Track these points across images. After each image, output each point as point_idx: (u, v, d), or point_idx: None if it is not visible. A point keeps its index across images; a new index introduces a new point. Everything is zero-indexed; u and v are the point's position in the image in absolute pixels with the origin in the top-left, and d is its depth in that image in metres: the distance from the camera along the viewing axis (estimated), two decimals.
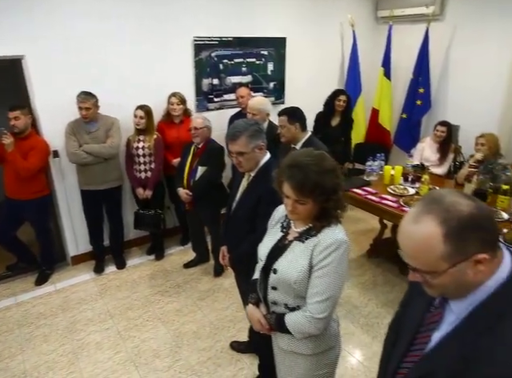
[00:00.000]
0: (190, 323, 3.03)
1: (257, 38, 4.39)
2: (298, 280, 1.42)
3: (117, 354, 2.76)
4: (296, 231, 1.51)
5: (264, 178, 2.03)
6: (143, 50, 3.72)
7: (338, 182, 1.41)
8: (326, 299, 1.40)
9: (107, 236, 3.83)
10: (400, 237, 0.92)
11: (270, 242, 1.59)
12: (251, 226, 2.06)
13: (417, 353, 1.02)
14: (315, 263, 1.41)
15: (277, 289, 1.51)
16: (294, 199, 1.39)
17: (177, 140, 3.67)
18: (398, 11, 4.80)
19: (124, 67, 3.66)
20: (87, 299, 3.37)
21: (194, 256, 3.81)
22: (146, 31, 3.69)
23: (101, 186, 3.51)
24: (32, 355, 2.78)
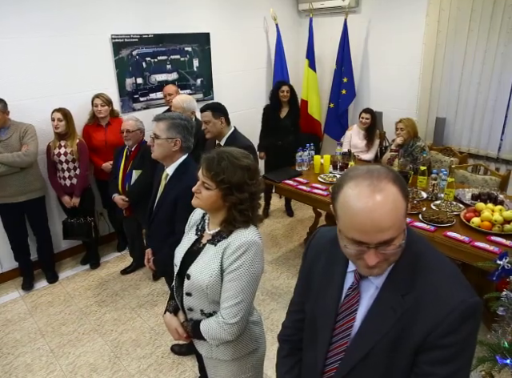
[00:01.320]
0: (129, 332, 2.94)
1: (179, 35, 4.31)
2: (209, 285, 1.39)
3: (50, 374, 2.61)
4: (209, 233, 1.48)
5: (181, 178, 2.02)
6: (59, 50, 3.52)
7: (247, 182, 1.37)
8: (237, 303, 1.36)
9: (35, 250, 3.60)
10: (365, 213, 0.83)
11: (184, 246, 1.55)
12: (171, 228, 2.03)
13: (342, 342, 1.01)
14: (226, 267, 1.37)
15: (191, 295, 1.47)
16: (202, 180, 1.39)
17: (104, 143, 3.52)
18: (318, 4, 4.93)
19: (39, 70, 3.44)
20: (14, 320, 3.14)
21: (131, 262, 3.70)
22: (60, 30, 3.48)
23: (19, 199, 3.27)
24: None
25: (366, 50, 4.83)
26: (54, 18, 3.43)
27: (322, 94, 5.23)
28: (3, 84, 3.25)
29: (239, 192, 1.37)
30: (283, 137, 4.31)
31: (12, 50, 3.28)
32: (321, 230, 1.21)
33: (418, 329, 0.89)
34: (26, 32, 3.32)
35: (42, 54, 3.44)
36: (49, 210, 3.64)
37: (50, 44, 3.46)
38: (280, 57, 5.04)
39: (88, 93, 3.66)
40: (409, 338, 0.90)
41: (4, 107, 3.14)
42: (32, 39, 3.36)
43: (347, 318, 1.00)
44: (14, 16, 3.23)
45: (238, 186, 1.36)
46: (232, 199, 1.37)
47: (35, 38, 3.38)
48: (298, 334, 1.20)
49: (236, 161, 1.37)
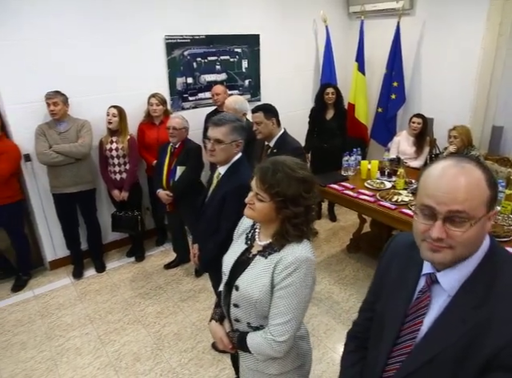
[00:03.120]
0: (172, 325, 3.02)
1: (230, 36, 4.37)
2: (259, 300, 1.35)
3: (97, 359, 2.73)
4: (260, 244, 1.43)
5: (231, 176, 2.04)
6: (117, 50, 3.67)
7: (303, 195, 1.32)
8: (287, 322, 1.31)
9: (85, 240, 3.78)
10: (444, 179, 0.86)
11: (233, 254, 1.51)
12: (217, 225, 2.06)
13: (406, 344, 1.00)
14: (276, 283, 1.32)
15: (239, 307, 1.43)
16: (255, 191, 1.34)
17: (156, 141, 3.63)
18: (369, 6, 4.84)
19: (97, 69, 3.60)
20: (66, 304, 3.32)
21: (175, 257, 3.79)
22: (117, 31, 3.63)
23: (73, 189, 3.43)
24: (9, 363, 2.73)
25: (419, 54, 4.68)
26: (112, 19, 3.58)
27: (369, 98, 5.13)
28: (65, 81, 3.43)
29: (294, 206, 1.31)
30: (329, 140, 4.27)
31: (73, 50, 3.45)
32: (400, 234, 1.23)
33: (490, 343, 0.86)
34: (87, 33, 3.48)
35: (100, 54, 3.60)
36: (99, 202, 3.80)
37: (108, 44, 3.62)
38: (328, 59, 5.00)
39: (141, 92, 3.79)
40: (478, 351, 0.87)
41: (66, 100, 3.33)
42: (91, 40, 3.52)
43: (415, 320, 1.00)
44: (75, 18, 3.40)
45: (293, 200, 1.31)
46: (286, 213, 1.32)
47: (95, 39, 3.54)
48: (366, 332, 1.20)
49: (291, 172, 1.31)
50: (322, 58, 5.09)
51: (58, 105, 3.25)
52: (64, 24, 3.36)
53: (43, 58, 3.33)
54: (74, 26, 3.41)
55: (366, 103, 5.10)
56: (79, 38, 3.46)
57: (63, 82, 3.39)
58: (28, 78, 3.30)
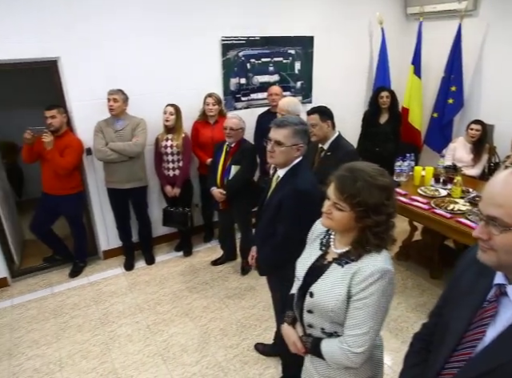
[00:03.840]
0: (217, 320, 3.08)
1: (284, 37, 4.39)
2: (334, 309, 1.32)
3: (146, 347, 2.85)
4: (336, 251, 1.40)
5: (290, 180, 2.02)
6: (173, 51, 3.81)
7: (384, 203, 1.27)
8: (365, 333, 1.29)
9: (136, 233, 3.94)
10: (492, 185, 0.92)
11: (308, 260, 1.49)
12: (274, 228, 2.06)
13: (466, 351, 0.99)
14: (354, 293, 1.29)
15: (312, 313, 1.41)
16: (333, 201, 1.30)
17: (211, 140, 3.71)
18: (429, 7, 4.69)
19: (155, 68, 3.75)
20: (118, 293, 3.48)
21: (222, 254, 3.87)
22: (175, 32, 3.77)
23: (125, 185, 3.58)
24: (67, 343, 2.91)
25: (481, 58, 4.47)
26: (171, 21, 3.72)
27: (425, 102, 4.96)
28: (125, 80, 3.59)
29: (376, 214, 1.27)
30: (381, 144, 4.19)
31: (133, 50, 3.62)
32: None
33: None
34: (148, 35, 3.64)
35: (159, 54, 3.74)
36: (151, 197, 3.95)
37: (167, 45, 3.76)
38: (383, 62, 4.89)
39: (196, 91, 3.90)
40: None
41: (125, 99, 3.49)
42: (151, 39, 3.67)
43: (478, 329, 0.98)
44: (136, 18, 3.56)
45: (375, 209, 1.26)
46: (367, 222, 1.28)
47: (155, 40, 3.69)
48: (432, 335, 1.19)
49: (372, 180, 1.26)
50: (376, 61, 4.99)
51: (117, 101, 3.41)
52: (127, 27, 3.54)
53: (107, 58, 3.52)
54: (135, 28, 3.58)
55: (421, 108, 4.94)
56: (140, 39, 3.63)
57: (124, 81, 3.56)
58: (93, 77, 3.50)
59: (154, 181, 3.88)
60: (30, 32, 3.19)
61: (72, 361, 2.75)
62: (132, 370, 2.65)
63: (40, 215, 3.65)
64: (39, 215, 3.65)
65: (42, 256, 3.98)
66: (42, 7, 3.18)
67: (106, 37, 3.48)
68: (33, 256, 4.06)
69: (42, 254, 3.99)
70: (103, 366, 2.70)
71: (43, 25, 3.22)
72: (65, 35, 3.31)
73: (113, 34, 3.50)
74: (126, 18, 3.52)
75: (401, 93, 4.94)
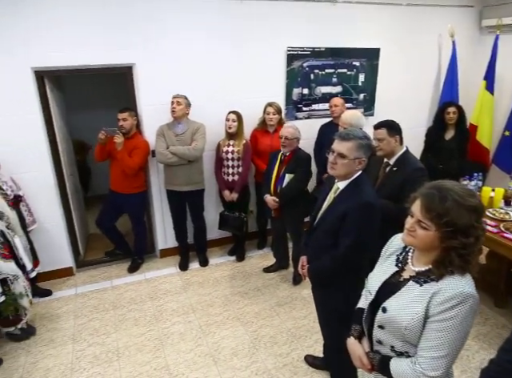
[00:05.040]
0: (268, 328, 3.09)
1: (349, 49, 4.37)
2: (409, 327, 1.28)
3: (198, 347, 2.91)
4: (413, 269, 1.36)
5: (353, 193, 2.01)
6: (238, 59, 3.91)
7: (474, 225, 1.22)
8: (442, 357, 1.24)
9: (192, 234, 4.05)
10: None
11: (382, 275, 1.46)
12: (333, 240, 2.04)
13: None
14: (433, 314, 1.25)
15: (384, 329, 1.38)
16: (418, 218, 1.26)
17: (269, 148, 3.75)
18: (508, 19, 4.45)
19: (218, 75, 3.87)
20: (172, 291, 3.60)
21: (274, 262, 3.88)
22: (242, 41, 3.87)
23: (184, 188, 3.69)
24: (124, 335, 3.05)
25: None
26: (238, 29, 3.82)
27: (496, 119, 4.70)
28: (189, 86, 3.74)
29: (464, 236, 1.22)
30: (446, 161, 4.02)
31: (199, 57, 3.76)
32: None
33: None
34: (214, 41, 3.77)
35: (223, 61, 3.86)
36: (209, 201, 4.05)
37: (232, 53, 3.87)
38: (452, 76, 4.71)
39: (258, 99, 3.97)
40: None
41: (188, 104, 3.62)
42: (218, 48, 3.80)
43: None
44: (204, 28, 3.70)
45: (463, 230, 1.22)
46: (453, 243, 1.23)
47: (221, 47, 3.81)
48: (506, 375, 1.14)
49: (462, 200, 1.22)
50: (443, 75, 4.81)
51: (180, 104, 3.54)
52: (194, 36, 3.69)
53: (174, 65, 3.69)
54: (202, 36, 3.72)
55: (491, 125, 4.68)
56: (206, 46, 3.76)
57: (188, 87, 3.71)
58: (161, 82, 3.68)
59: (213, 185, 3.98)
60: (113, 39, 3.43)
61: (128, 352, 2.87)
62: (183, 368, 2.73)
63: (106, 211, 3.88)
64: (105, 211, 3.88)
65: (103, 250, 4.22)
66: (124, 18, 3.41)
67: (175, 45, 3.65)
68: (96, 249, 4.31)
69: (104, 248, 4.23)
70: (157, 361, 2.79)
71: (124, 34, 3.45)
72: (141, 44, 3.53)
73: (181, 43, 3.66)
74: (194, 28, 3.67)
75: (469, 109, 4.71)
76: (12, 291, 2.88)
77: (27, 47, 3.21)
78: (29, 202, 3.43)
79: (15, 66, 3.23)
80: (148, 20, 3.50)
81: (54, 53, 3.30)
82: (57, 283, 3.74)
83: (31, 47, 3.23)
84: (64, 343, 3.00)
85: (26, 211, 3.38)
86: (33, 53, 3.24)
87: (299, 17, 4.03)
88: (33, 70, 3.34)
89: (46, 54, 3.28)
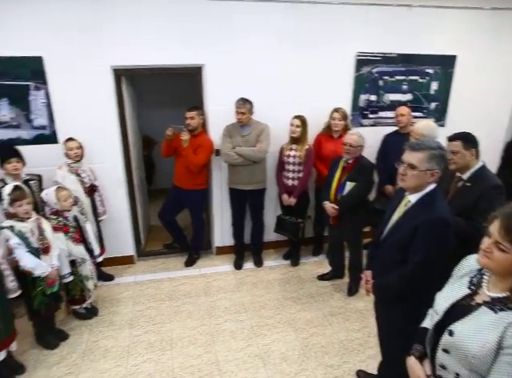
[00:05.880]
0: (319, 336, 3.04)
1: (423, 55, 4.19)
2: (478, 355, 1.20)
3: (248, 347, 2.93)
4: (489, 294, 1.28)
5: (425, 207, 1.90)
6: (306, 62, 3.89)
7: None
8: None
9: (249, 234, 4.10)
10: None
11: (451, 296, 1.39)
12: (402, 256, 1.95)
13: None
14: (508, 346, 1.16)
15: (449, 353, 1.31)
16: (496, 239, 1.20)
17: (333, 154, 3.69)
18: None
19: (284, 78, 3.88)
20: (226, 289, 3.66)
21: (330, 270, 3.81)
22: (311, 45, 3.85)
23: (246, 187, 3.76)
24: (178, 326, 3.15)
25: None
26: (306, 33, 3.80)
27: None
28: (254, 88, 3.78)
29: None
30: None
31: (265, 59, 3.79)
32: None
33: None
34: (279, 44, 3.78)
35: (289, 64, 3.86)
36: (268, 203, 4.06)
37: (299, 56, 3.85)
38: None
39: (324, 104, 3.92)
40: None
41: (251, 108, 3.66)
42: (285, 50, 3.81)
43: None
44: (271, 31, 3.73)
45: None
46: None
47: (288, 49, 3.81)
48: None
49: None
50: None
51: (244, 114, 3.61)
52: (260, 39, 3.73)
53: (241, 67, 3.76)
54: (269, 39, 3.75)
55: None
56: (274, 49, 3.78)
57: (253, 89, 3.76)
58: (228, 84, 3.77)
59: (273, 188, 3.99)
60: (186, 41, 3.57)
61: (181, 344, 2.96)
62: (233, 366, 2.75)
63: (168, 205, 4.03)
64: (167, 205, 4.04)
65: (162, 242, 4.40)
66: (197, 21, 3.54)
67: (244, 47, 3.71)
68: (155, 241, 4.50)
69: (163, 240, 4.41)
70: (207, 355, 2.85)
71: (196, 36, 3.58)
72: (212, 45, 3.64)
73: (250, 45, 3.72)
74: (264, 31, 3.71)
75: None
76: (79, 272, 3.09)
77: (109, 48, 3.45)
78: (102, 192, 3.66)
79: (97, 65, 3.47)
80: (219, 23, 3.60)
81: (132, 53, 3.51)
82: (119, 270, 3.96)
83: (112, 47, 3.45)
84: (122, 327, 3.16)
85: (100, 201, 3.61)
86: (113, 53, 3.47)
87: (371, 21, 3.93)
88: (112, 69, 3.56)
89: (125, 53, 3.49)
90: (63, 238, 2.97)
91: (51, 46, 3.35)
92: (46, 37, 3.32)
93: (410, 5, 3.95)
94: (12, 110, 3.48)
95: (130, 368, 2.73)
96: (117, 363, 2.78)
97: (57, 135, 3.57)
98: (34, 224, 2.73)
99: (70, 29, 3.33)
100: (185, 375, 2.66)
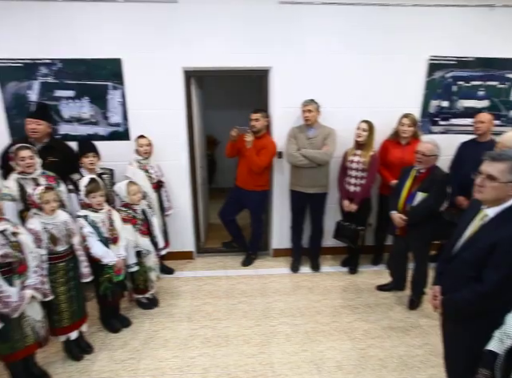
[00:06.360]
0: (377, 349, 2.93)
1: (505, 59, 3.91)
2: None
3: (303, 352, 2.90)
4: None
5: (506, 222, 1.77)
6: (375, 66, 3.80)
7: None
8: None
9: (307, 238, 4.07)
10: None
11: None
12: (476, 273, 1.83)
13: None
14: None
15: None
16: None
17: (400, 161, 3.57)
18: None
19: (351, 82, 3.82)
20: (281, 291, 3.65)
21: (390, 281, 3.66)
22: (379, 48, 3.76)
23: (308, 190, 3.73)
24: (233, 324, 3.20)
25: None
26: (375, 38, 3.72)
27: None
28: (321, 92, 3.75)
29: None
30: None
31: (332, 63, 3.76)
32: None
33: None
34: (347, 48, 3.73)
35: (356, 69, 3.79)
36: (329, 207, 3.99)
37: (367, 60, 3.77)
38: None
39: (392, 109, 3.80)
40: None
41: (318, 107, 3.63)
42: (350, 54, 3.75)
43: None
44: (340, 33, 3.69)
45: None
46: None
47: (354, 53, 3.75)
48: None
49: None
50: None
51: (311, 112, 3.59)
52: (329, 41, 3.70)
53: (308, 70, 3.76)
54: (337, 42, 3.71)
55: None
56: (341, 53, 3.74)
57: (319, 92, 3.73)
58: (294, 86, 3.78)
59: (334, 192, 3.93)
60: (255, 44, 3.64)
61: (236, 341, 3.00)
62: (287, 369, 2.74)
63: (229, 205, 4.11)
64: (228, 205, 4.12)
65: (221, 240, 4.50)
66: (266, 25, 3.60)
67: (311, 51, 3.71)
68: (214, 239, 4.62)
69: (221, 238, 4.51)
70: (262, 356, 2.86)
71: (264, 39, 3.64)
72: (279, 49, 3.68)
73: (317, 49, 3.71)
74: (332, 34, 3.68)
75: None
76: (144, 263, 3.25)
77: (181, 50, 3.61)
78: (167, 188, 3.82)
79: (170, 66, 3.66)
80: (288, 26, 3.62)
81: (203, 55, 3.64)
82: (179, 264, 4.11)
83: (185, 50, 3.61)
84: (181, 319, 3.27)
85: (166, 197, 3.78)
86: (185, 55, 3.63)
87: (446, 23, 3.74)
88: (183, 70, 3.71)
89: (195, 56, 3.64)
90: (131, 229, 3.13)
91: (129, 49, 3.57)
92: (124, 40, 3.55)
93: (492, 5, 3.72)
94: (92, 108, 3.74)
95: (186, 360, 2.82)
96: (175, 353, 2.88)
97: (129, 132, 3.79)
98: (106, 215, 2.91)
99: (146, 33, 3.55)
100: (239, 373, 2.70)
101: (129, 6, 3.47)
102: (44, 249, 2.53)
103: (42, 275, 2.47)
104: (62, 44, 3.52)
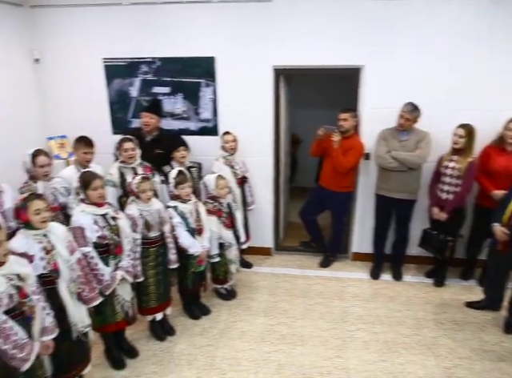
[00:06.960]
0: (465, 370, 2.70)
1: None
2: None
3: (381, 362, 2.78)
4: None
5: None
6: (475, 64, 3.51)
7: None
8: None
9: (390, 244, 3.90)
10: None
11: None
12: None
13: None
14: None
15: None
16: None
17: (504, 169, 3.26)
18: None
19: (451, 83, 3.56)
20: (360, 297, 3.55)
21: (482, 299, 3.35)
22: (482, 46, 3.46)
23: (396, 195, 3.56)
24: (309, 324, 3.18)
25: None
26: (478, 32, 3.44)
27: None
28: (416, 92, 3.55)
29: None
30: None
31: (430, 64, 3.54)
32: None
33: None
34: (443, 48, 3.50)
35: (454, 69, 3.53)
36: (416, 214, 3.76)
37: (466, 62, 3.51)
38: None
39: (496, 112, 3.46)
40: None
41: (417, 117, 3.42)
42: (447, 55, 3.50)
43: None
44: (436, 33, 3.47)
45: None
46: None
47: (452, 53, 3.50)
48: None
49: None
50: None
51: (409, 121, 3.41)
52: (425, 41, 3.50)
53: (403, 70, 3.58)
54: (435, 41, 3.49)
55: None
56: (437, 53, 3.51)
57: (415, 94, 3.52)
58: (387, 86, 3.63)
59: (424, 199, 3.69)
60: (346, 42, 3.58)
61: (312, 342, 2.98)
62: (364, 377, 2.65)
63: (310, 205, 4.08)
64: (310, 204, 4.09)
65: (298, 239, 4.49)
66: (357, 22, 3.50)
67: (406, 50, 3.53)
68: (292, 237, 4.63)
69: (299, 237, 4.51)
70: (338, 360, 2.80)
71: (356, 37, 3.56)
72: (372, 47, 3.56)
73: (412, 48, 3.52)
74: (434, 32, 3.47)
75: None
76: (225, 255, 3.36)
77: (272, 48, 3.67)
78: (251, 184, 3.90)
79: (261, 64, 3.74)
80: (382, 23, 3.50)
81: (294, 53, 3.65)
82: (257, 259, 4.19)
83: (275, 48, 3.66)
84: (257, 313, 3.33)
85: (249, 192, 3.88)
86: (276, 53, 3.67)
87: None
88: (273, 68, 3.75)
89: (286, 54, 3.67)
90: (216, 221, 3.26)
91: (222, 48, 3.71)
92: (218, 39, 3.71)
93: None
94: (185, 104, 3.96)
95: (262, 354, 2.86)
96: (251, 346, 2.95)
97: (218, 128, 3.94)
98: (193, 207, 3.06)
99: (239, 31, 3.67)
100: (314, 375, 2.67)
101: (223, 5, 3.60)
102: (139, 234, 2.74)
103: (135, 259, 2.68)
104: (162, 44, 3.78)
